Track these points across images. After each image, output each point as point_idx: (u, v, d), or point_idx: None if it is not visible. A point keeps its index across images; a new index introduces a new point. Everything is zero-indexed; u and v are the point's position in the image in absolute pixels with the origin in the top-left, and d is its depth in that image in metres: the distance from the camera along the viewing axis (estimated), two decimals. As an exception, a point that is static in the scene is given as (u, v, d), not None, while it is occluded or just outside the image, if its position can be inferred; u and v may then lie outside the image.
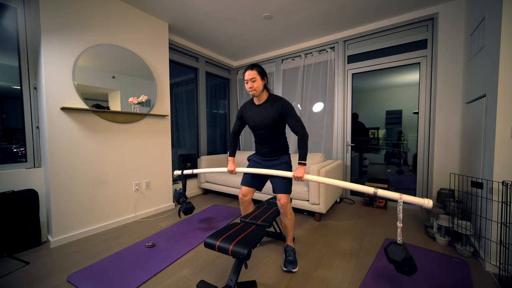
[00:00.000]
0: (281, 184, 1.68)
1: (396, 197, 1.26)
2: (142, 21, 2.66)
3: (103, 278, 1.55)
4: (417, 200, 1.24)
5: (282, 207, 1.69)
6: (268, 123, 1.65)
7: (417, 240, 2.07)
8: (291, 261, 1.64)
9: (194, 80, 3.80)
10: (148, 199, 2.76)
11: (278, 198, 1.68)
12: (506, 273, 1.47)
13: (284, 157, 1.75)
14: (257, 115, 1.70)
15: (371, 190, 1.36)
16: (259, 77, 1.61)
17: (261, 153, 1.80)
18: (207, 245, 1.33)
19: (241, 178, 1.90)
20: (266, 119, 1.65)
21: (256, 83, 1.60)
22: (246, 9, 2.62)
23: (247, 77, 1.60)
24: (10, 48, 2.04)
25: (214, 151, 4.28)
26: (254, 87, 1.60)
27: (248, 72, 1.61)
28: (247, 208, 1.85)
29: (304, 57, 3.56)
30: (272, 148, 1.74)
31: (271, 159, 1.76)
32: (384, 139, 3.28)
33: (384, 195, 1.33)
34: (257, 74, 1.60)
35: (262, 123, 1.67)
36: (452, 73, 2.49)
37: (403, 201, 1.24)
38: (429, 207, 1.22)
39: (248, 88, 1.63)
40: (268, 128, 1.67)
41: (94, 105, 2.27)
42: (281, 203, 1.67)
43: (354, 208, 2.94)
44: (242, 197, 1.81)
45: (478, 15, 2.01)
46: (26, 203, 1.94)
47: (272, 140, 1.72)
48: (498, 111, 1.56)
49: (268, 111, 1.65)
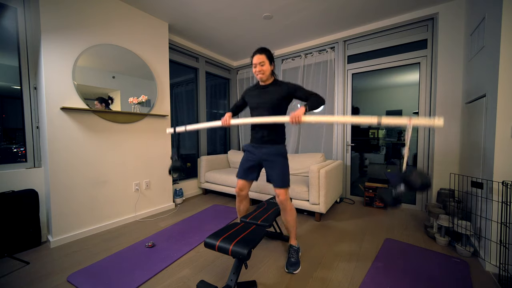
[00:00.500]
0: (278, 176, 1.62)
1: (405, 122, 1.20)
2: (142, 21, 2.66)
3: (103, 278, 1.55)
4: (426, 122, 1.19)
5: (281, 203, 1.65)
6: (272, 102, 1.62)
7: (417, 240, 2.07)
8: (294, 263, 1.64)
9: (194, 80, 3.80)
10: (148, 199, 2.76)
11: (277, 194, 1.63)
12: (506, 273, 1.47)
13: (280, 147, 1.68)
14: (262, 94, 1.68)
15: (374, 119, 1.29)
16: (268, 62, 1.62)
17: (256, 139, 1.71)
18: (207, 245, 1.33)
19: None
20: (271, 98, 1.63)
21: (264, 67, 1.61)
22: (246, 9, 2.62)
23: (256, 60, 1.61)
24: (10, 48, 2.04)
25: (214, 151, 4.28)
26: (263, 70, 1.61)
27: (257, 56, 1.61)
28: (242, 202, 1.82)
29: (304, 57, 3.56)
30: (268, 132, 1.66)
31: (266, 145, 1.67)
32: (384, 139, 3.28)
33: (390, 122, 1.26)
34: (266, 59, 1.61)
35: (266, 101, 1.64)
36: (452, 73, 2.49)
37: (412, 124, 1.18)
38: (440, 125, 1.15)
39: (257, 72, 1.62)
40: (270, 108, 1.63)
41: (98, 98, 2.29)
42: (281, 199, 1.63)
43: (354, 208, 2.94)
44: (239, 191, 1.77)
45: (478, 15, 2.01)
46: (26, 203, 1.94)
47: (270, 124, 1.64)
48: (498, 111, 1.56)
49: (274, 90, 1.65)
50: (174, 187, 3.27)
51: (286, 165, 1.67)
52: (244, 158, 1.78)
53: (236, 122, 1.73)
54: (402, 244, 1.99)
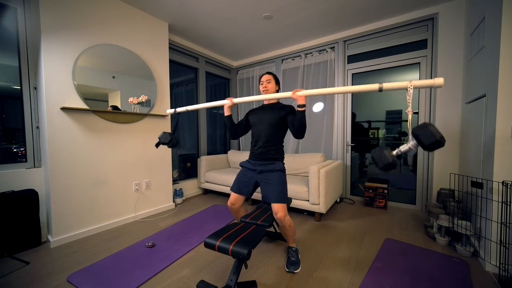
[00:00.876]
0: (274, 190, 1.57)
1: (406, 85, 1.20)
2: (142, 21, 2.66)
3: (103, 278, 1.55)
4: (426, 83, 1.18)
5: (280, 221, 1.58)
6: (271, 120, 1.67)
7: (417, 240, 2.07)
8: (294, 262, 1.64)
9: (194, 80, 3.80)
10: (148, 199, 2.76)
11: (274, 211, 1.56)
12: (506, 273, 1.47)
13: (278, 164, 1.67)
14: (264, 111, 1.76)
15: (376, 86, 1.28)
16: (274, 82, 1.76)
17: (255, 155, 1.72)
18: (207, 245, 1.33)
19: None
20: (272, 115, 1.69)
21: (270, 85, 1.74)
22: (246, 9, 2.62)
23: (264, 79, 1.76)
24: (10, 48, 2.04)
25: (214, 151, 4.28)
26: (268, 88, 1.74)
27: (265, 75, 1.77)
28: (238, 214, 1.83)
29: (304, 57, 3.56)
30: (268, 149, 1.67)
31: (265, 163, 1.67)
32: (384, 139, 3.27)
33: (391, 87, 1.25)
34: (273, 79, 1.77)
35: (267, 117, 1.70)
36: (452, 73, 2.49)
37: (413, 86, 1.18)
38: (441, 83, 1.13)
39: (263, 88, 1.75)
40: (271, 124, 1.67)
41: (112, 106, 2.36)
42: (279, 217, 1.55)
43: (354, 208, 2.94)
44: (231, 205, 1.77)
45: (478, 15, 2.01)
46: (26, 203, 1.94)
47: (270, 140, 1.67)
48: (498, 111, 1.56)
49: (276, 109, 1.72)
50: (174, 187, 3.27)
51: (284, 181, 1.64)
52: (241, 172, 1.78)
53: (240, 100, 1.73)
54: (402, 244, 1.99)
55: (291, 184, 2.66)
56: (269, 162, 1.67)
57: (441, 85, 1.15)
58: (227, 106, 1.76)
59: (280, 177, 1.63)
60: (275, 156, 1.68)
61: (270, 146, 1.68)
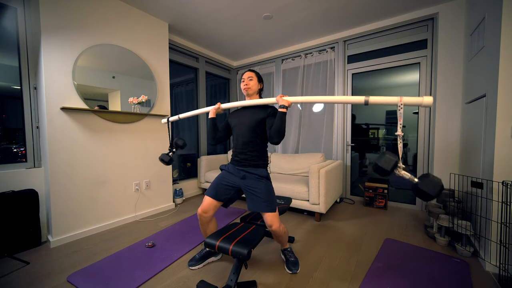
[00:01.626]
0: (263, 201, 1.46)
1: (396, 101, 1.15)
2: (142, 21, 2.66)
3: (103, 278, 1.55)
4: (415, 100, 1.13)
5: (275, 232, 1.51)
6: (253, 122, 1.56)
7: (417, 240, 2.07)
8: (294, 262, 1.64)
9: (194, 80, 3.80)
10: (148, 199, 2.76)
11: (268, 224, 1.47)
12: (506, 273, 1.47)
13: (262, 171, 1.55)
14: (244, 113, 1.64)
15: (362, 99, 1.20)
16: (256, 79, 1.64)
17: (235, 161, 1.61)
18: (207, 245, 1.33)
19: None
20: (252, 117, 1.58)
21: (252, 82, 1.62)
22: (246, 9, 2.62)
23: (245, 76, 1.64)
24: (10, 48, 2.04)
25: (214, 151, 4.28)
26: (249, 85, 1.62)
27: (247, 72, 1.65)
28: (207, 228, 1.60)
29: (304, 57, 3.56)
30: (249, 156, 1.56)
31: (248, 168, 1.56)
32: (384, 139, 3.28)
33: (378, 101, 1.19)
34: (255, 76, 1.64)
35: (246, 120, 1.58)
36: (452, 73, 2.49)
37: (403, 103, 1.13)
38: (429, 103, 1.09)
39: (243, 86, 1.63)
40: (250, 128, 1.55)
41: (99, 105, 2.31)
42: (274, 229, 1.48)
43: (354, 208, 2.94)
44: (202, 213, 1.54)
45: (478, 15, 2.01)
46: (26, 203, 1.94)
47: (251, 145, 1.56)
48: (498, 111, 1.56)
49: (257, 110, 1.60)
50: (174, 187, 3.27)
51: (270, 189, 1.54)
52: (220, 175, 1.63)
53: (227, 106, 1.70)
54: (402, 244, 1.99)
55: (291, 184, 2.66)
56: (253, 168, 1.56)
57: (430, 105, 1.11)
58: (213, 108, 1.70)
59: (266, 186, 1.52)
60: (257, 162, 1.56)
61: (251, 152, 1.56)
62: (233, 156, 1.65)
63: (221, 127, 1.75)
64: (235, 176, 1.60)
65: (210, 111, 1.73)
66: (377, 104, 1.22)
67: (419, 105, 1.13)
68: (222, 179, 1.62)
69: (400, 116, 1.13)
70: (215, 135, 1.71)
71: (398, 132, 1.14)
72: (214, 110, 1.71)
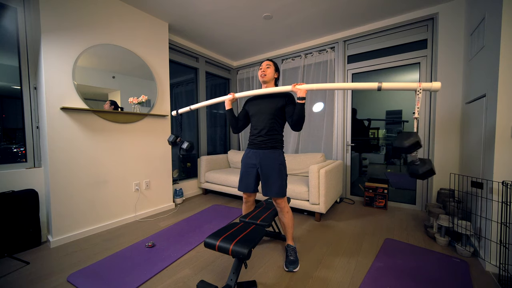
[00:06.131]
0: (276, 187, 1.65)
1: (415, 86, 1.22)
2: (142, 21, 2.66)
3: (103, 278, 1.55)
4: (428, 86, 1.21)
5: (281, 209, 1.73)
6: (272, 109, 1.67)
7: (417, 240, 2.07)
8: (292, 261, 1.65)
9: (194, 80, 3.80)
10: (148, 199, 2.76)
11: (276, 203, 1.71)
12: (506, 273, 1.47)
13: (279, 152, 1.70)
14: (262, 102, 1.74)
15: (375, 85, 1.27)
16: (273, 68, 1.74)
17: (254, 144, 1.74)
18: (207, 245, 1.33)
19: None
20: (271, 105, 1.68)
21: (269, 69, 1.72)
22: (246, 9, 2.62)
23: (264, 64, 1.74)
24: (10, 48, 2.04)
25: (214, 151, 4.28)
26: (266, 72, 1.71)
27: (265, 61, 1.75)
28: (250, 208, 1.92)
29: (304, 57, 3.56)
30: (267, 138, 1.69)
31: (265, 151, 1.69)
32: (384, 138, 3.27)
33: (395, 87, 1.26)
34: (273, 65, 1.75)
35: (267, 107, 1.69)
36: (452, 73, 2.49)
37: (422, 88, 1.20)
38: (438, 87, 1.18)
39: (261, 73, 1.72)
40: (270, 114, 1.67)
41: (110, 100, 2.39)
42: (281, 207, 1.71)
43: (354, 208, 2.94)
44: (247, 197, 1.86)
45: (478, 15, 2.01)
46: (26, 203, 1.94)
47: (270, 130, 1.68)
48: (498, 111, 1.56)
49: (274, 99, 1.70)
50: (174, 187, 3.27)
51: (284, 173, 1.69)
52: (243, 170, 1.79)
53: (242, 95, 1.77)
54: (402, 244, 1.99)
55: (291, 184, 2.65)
56: (269, 149, 1.69)
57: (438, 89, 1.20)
58: (228, 99, 1.79)
59: (280, 171, 1.66)
60: (274, 145, 1.70)
61: (270, 135, 1.69)
62: (251, 140, 1.78)
63: (241, 116, 1.86)
64: (254, 161, 1.73)
65: (225, 103, 1.81)
66: (391, 89, 1.27)
67: (429, 89, 1.21)
68: (246, 174, 1.77)
69: (418, 101, 1.21)
70: (237, 125, 1.84)
71: (416, 115, 1.22)
72: (229, 101, 1.80)
